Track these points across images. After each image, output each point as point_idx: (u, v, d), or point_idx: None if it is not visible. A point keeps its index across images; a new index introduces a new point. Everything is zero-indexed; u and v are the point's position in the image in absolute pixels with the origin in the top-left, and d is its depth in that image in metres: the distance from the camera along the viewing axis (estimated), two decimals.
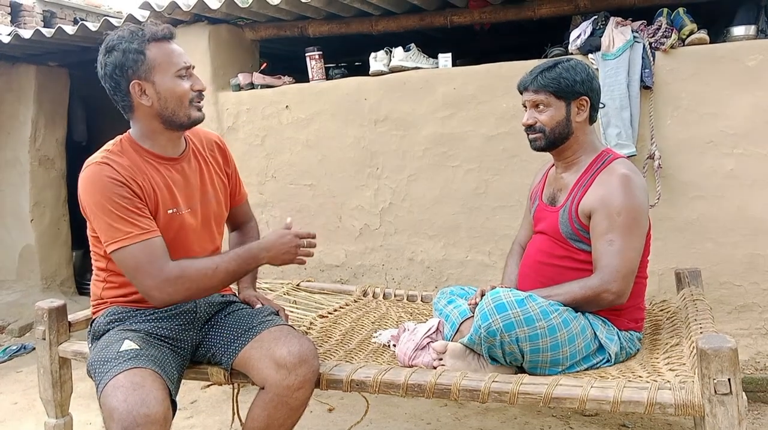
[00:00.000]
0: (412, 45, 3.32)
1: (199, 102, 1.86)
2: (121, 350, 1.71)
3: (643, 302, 2.11)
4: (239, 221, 2.26)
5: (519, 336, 1.79)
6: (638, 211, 1.91)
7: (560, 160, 2.10)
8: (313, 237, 1.94)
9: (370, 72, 3.34)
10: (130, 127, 1.90)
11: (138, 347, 1.73)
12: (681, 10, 2.88)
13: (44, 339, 2.19)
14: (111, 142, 1.88)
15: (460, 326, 2.10)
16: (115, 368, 1.65)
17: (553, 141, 2.03)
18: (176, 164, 1.91)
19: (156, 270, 1.73)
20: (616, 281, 1.86)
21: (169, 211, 1.86)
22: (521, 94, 2.07)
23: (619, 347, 1.96)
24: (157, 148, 1.87)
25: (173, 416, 1.68)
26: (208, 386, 3.12)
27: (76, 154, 5.21)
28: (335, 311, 2.57)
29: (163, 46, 1.79)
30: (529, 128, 2.04)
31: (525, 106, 2.06)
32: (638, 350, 2.05)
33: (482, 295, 1.96)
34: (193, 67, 1.87)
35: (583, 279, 1.92)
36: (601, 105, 2.09)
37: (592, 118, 2.05)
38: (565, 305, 1.87)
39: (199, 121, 1.89)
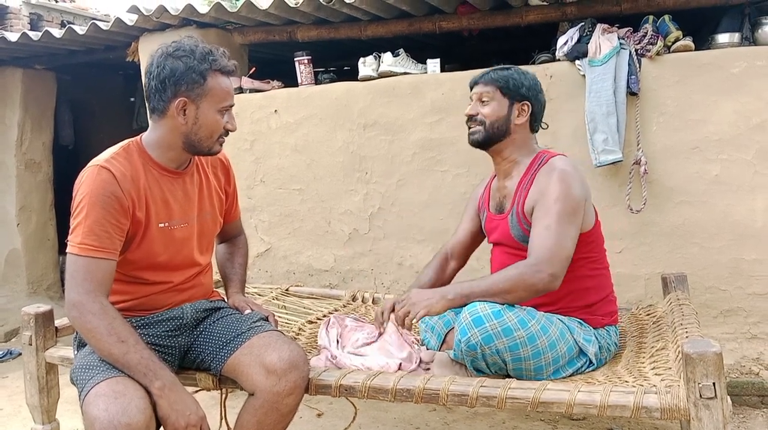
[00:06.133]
0: (401, 50, 3.34)
1: (223, 138, 1.88)
2: None
3: (613, 293, 2.14)
4: (229, 235, 2.27)
5: (499, 347, 1.80)
6: (575, 201, 1.92)
7: (497, 163, 2.14)
8: None
9: (359, 77, 3.35)
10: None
11: None
12: (666, 17, 2.92)
13: (31, 345, 2.17)
14: (119, 144, 1.87)
15: (445, 336, 2.12)
16: (98, 376, 1.65)
17: (490, 136, 2.06)
18: (178, 178, 1.91)
19: (81, 289, 1.69)
20: (549, 260, 1.85)
21: (161, 225, 1.85)
22: (471, 89, 2.13)
23: (598, 347, 1.98)
24: (164, 160, 1.87)
25: (158, 425, 1.68)
26: (196, 391, 3.08)
27: (62, 158, 5.20)
28: (324, 316, 2.57)
29: (222, 79, 1.82)
30: (471, 119, 2.10)
31: (471, 100, 2.12)
32: (617, 345, 2.08)
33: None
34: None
35: (519, 262, 1.91)
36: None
37: (533, 127, 2.10)
38: (501, 290, 1.85)
39: (216, 154, 1.93)
